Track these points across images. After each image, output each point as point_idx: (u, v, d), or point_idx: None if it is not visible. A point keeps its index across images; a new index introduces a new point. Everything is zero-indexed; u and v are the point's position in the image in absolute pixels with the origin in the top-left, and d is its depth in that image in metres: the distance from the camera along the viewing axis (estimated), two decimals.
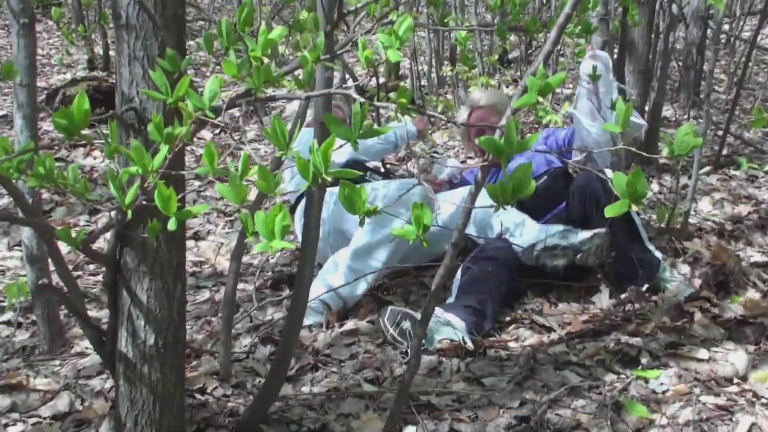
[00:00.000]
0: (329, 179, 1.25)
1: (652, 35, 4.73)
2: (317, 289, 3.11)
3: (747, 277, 3.34)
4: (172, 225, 1.39)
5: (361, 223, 1.38)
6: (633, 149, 1.56)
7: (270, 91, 3.48)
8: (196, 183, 4.58)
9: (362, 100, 1.37)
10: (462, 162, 4.81)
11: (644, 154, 1.63)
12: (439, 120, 5.34)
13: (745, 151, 5.36)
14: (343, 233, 3.45)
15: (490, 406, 2.48)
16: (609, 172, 3.28)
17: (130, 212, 1.48)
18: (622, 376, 2.66)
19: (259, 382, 2.64)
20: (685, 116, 5.86)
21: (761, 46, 7.05)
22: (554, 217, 3.55)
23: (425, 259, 3.37)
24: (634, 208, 1.33)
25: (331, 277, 3.25)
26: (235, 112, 5.86)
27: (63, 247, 1.95)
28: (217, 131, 5.58)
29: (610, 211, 1.37)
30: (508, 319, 3.14)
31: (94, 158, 5.18)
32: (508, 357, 2.82)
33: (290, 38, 2.37)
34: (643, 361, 2.72)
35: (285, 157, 1.33)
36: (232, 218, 4.24)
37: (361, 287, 3.24)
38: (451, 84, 6.37)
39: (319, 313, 3.14)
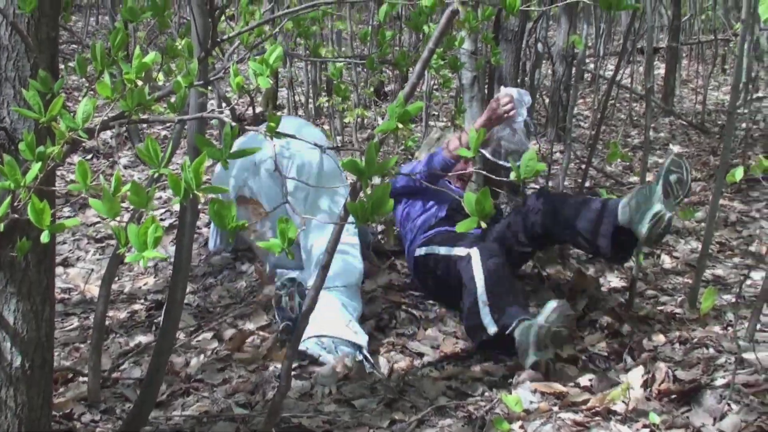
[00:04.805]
0: (201, 195, 1.29)
1: (520, 71, 4.93)
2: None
3: (605, 300, 3.52)
4: (45, 237, 1.40)
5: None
6: (483, 173, 1.67)
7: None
8: (66, 210, 4.49)
9: (233, 123, 1.42)
10: None
11: (493, 177, 1.74)
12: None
13: (606, 183, 5.66)
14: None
15: (360, 426, 2.54)
16: None
17: (1, 226, 1.46)
18: (487, 395, 2.77)
19: (129, 407, 2.61)
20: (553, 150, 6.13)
21: (620, 85, 7.46)
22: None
23: None
24: (482, 224, 1.42)
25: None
26: (108, 138, 5.78)
27: None
28: (89, 156, 5.48)
29: (461, 228, 1.45)
30: (381, 346, 3.20)
31: None
32: (379, 380, 2.88)
33: (164, 65, 2.39)
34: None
35: (156, 174, 1.36)
36: (102, 245, 4.17)
37: None
38: (328, 115, 6.44)
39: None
